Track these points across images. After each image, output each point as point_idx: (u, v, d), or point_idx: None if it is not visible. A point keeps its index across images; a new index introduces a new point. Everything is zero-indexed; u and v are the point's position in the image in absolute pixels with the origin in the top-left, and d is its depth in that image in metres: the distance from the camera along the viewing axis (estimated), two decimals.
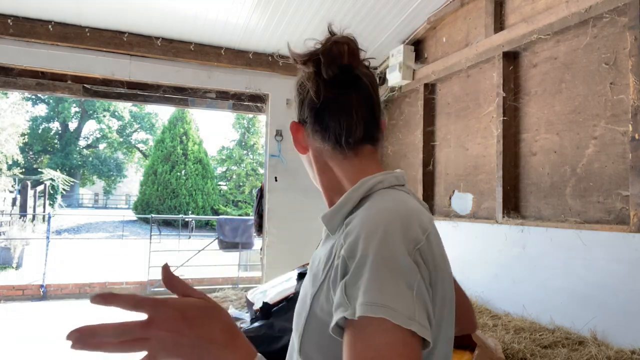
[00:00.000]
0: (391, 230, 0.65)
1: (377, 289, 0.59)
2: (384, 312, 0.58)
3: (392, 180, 0.79)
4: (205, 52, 5.04)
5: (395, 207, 0.70)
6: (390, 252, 0.62)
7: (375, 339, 0.58)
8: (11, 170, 20.31)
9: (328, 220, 0.79)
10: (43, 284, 6.99)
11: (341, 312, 0.61)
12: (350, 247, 0.65)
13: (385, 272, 0.61)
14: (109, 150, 33.07)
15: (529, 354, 2.64)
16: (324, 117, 0.82)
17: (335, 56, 0.79)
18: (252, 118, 25.61)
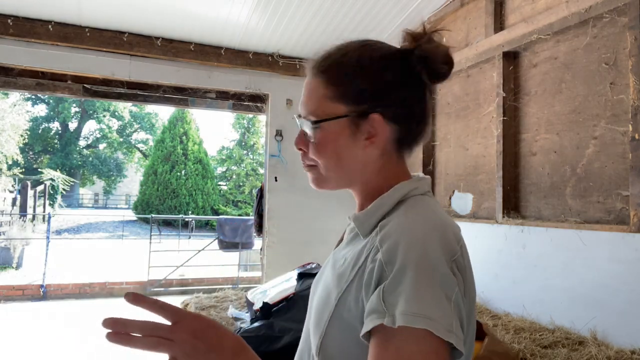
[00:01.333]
0: (431, 240, 0.65)
1: (420, 299, 0.60)
2: (426, 323, 0.58)
3: (425, 187, 0.80)
4: (205, 52, 5.04)
5: (432, 217, 0.71)
6: (432, 263, 0.63)
7: (411, 348, 0.59)
8: (11, 170, 20.31)
9: (361, 223, 0.76)
10: (43, 284, 6.99)
11: (376, 318, 0.61)
12: (389, 253, 0.65)
13: (427, 282, 0.61)
14: (109, 150, 33.08)
15: (529, 354, 2.64)
16: (413, 114, 0.78)
17: (447, 57, 0.78)
18: (252, 118, 25.62)
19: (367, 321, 0.62)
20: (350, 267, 0.72)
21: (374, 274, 0.65)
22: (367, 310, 0.63)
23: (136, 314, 0.60)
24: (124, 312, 0.73)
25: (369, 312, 0.63)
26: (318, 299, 0.77)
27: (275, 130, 5.44)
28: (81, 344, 4.63)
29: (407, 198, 0.76)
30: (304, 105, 0.79)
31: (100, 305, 6.58)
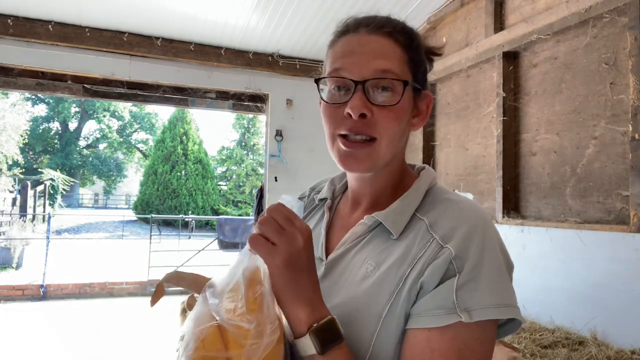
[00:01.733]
0: (491, 228, 0.65)
1: (504, 289, 0.61)
2: (513, 312, 0.60)
3: (435, 176, 0.78)
4: (205, 52, 5.04)
5: (476, 206, 0.69)
6: (501, 252, 0.64)
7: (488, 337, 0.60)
8: (11, 170, 20.31)
9: (394, 221, 0.69)
10: (43, 284, 6.99)
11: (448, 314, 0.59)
12: (463, 245, 0.62)
13: (501, 271, 0.62)
14: (109, 150, 33.08)
15: (529, 354, 2.64)
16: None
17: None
18: (252, 118, 25.62)
19: (431, 316, 0.60)
20: (392, 270, 0.65)
21: (437, 272, 0.61)
22: (426, 305, 0.60)
23: (136, 316, 0.58)
24: (124, 312, 0.72)
25: (432, 306, 0.60)
26: (339, 316, 0.65)
27: (275, 130, 5.44)
28: (81, 344, 4.64)
29: (432, 187, 0.74)
30: (375, 64, 0.67)
31: (100, 305, 6.58)
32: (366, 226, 0.72)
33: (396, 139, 0.70)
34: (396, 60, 0.68)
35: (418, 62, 0.72)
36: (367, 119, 0.67)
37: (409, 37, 0.72)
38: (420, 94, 0.74)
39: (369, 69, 0.67)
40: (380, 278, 0.66)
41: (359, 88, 0.67)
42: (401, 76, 0.68)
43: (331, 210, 0.84)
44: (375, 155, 0.69)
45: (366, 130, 0.68)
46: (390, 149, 0.70)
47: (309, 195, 0.93)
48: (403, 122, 0.70)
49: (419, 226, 0.68)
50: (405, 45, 0.70)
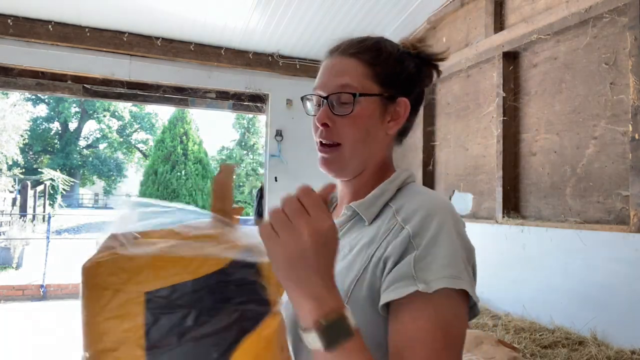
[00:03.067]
0: (452, 212, 0.72)
1: (455, 263, 0.65)
2: (464, 284, 0.64)
3: (414, 178, 0.86)
4: (205, 52, 5.04)
5: (441, 195, 0.79)
6: (458, 231, 0.70)
7: (449, 308, 0.64)
8: (11, 170, 20.31)
9: (366, 209, 0.79)
10: (43, 284, 6.99)
11: (405, 286, 0.63)
12: (418, 227, 0.68)
13: (457, 247, 0.67)
14: (109, 150, 33.07)
15: (529, 354, 2.64)
16: (418, 108, 0.89)
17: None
18: (252, 118, 25.62)
19: (393, 290, 0.64)
20: (362, 252, 0.73)
21: (397, 246, 0.68)
22: (389, 281, 0.65)
23: None
24: None
25: (393, 280, 0.65)
26: None
27: (275, 130, 5.44)
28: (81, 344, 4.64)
29: (406, 184, 0.82)
30: (337, 80, 0.80)
31: None
32: (346, 216, 0.81)
33: (359, 143, 0.80)
34: (357, 76, 0.80)
35: (389, 74, 0.82)
36: (330, 127, 0.80)
37: (375, 53, 0.82)
38: (394, 101, 0.83)
39: (332, 86, 0.80)
40: (352, 259, 0.74)
41: (324, 102, 0.80)
42: (359, 89, 0.79)
43: None
44: (341, 158, 0.80)
45: (330, 137, 0.80)
46: (355, 152, 0.80)
47: None
48: (362, 128, 0.80)
49: (388, 213, 0.76)
50: (369, 62, 0.81)
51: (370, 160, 0.83)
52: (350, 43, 0.84)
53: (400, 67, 0.84)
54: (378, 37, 0.86)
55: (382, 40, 0.85)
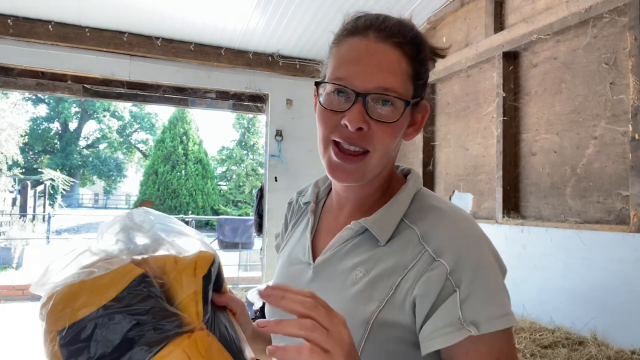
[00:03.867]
0: (484, 239, 0.67)
1: (499, 300, 0.62)
2: (510, 320, 0.61)
3: (421, 179, 0.78)
4: (205, 52, 5.04)
5: (464, 212, 0.71)
6: (494, 262, 0.66)
7: (500, 346, 0.61)
8: (11, 170, 20.31)
9: (381, 228, 0.69)
10: None
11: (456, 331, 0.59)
12: (457, 260, 0.62)
13: (496, 282, 0.64)
14: (109, 150, 33.07)
15: (529, 354, 2.64)
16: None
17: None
18: (252, 118, 25.62)
19: (443, 336, 0.60)
20: (382, 279, 0.65)
21: (433, 287, 0.61)
22: (434, 325, 0.61)
23: None
24: None
25: (440, 325, 0.60)
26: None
27: (275, 130, 5.44)
28: None
29: (417, 192, 0.75)
30: (379, 77, 0.65)
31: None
32: (353, 231, 0.72)
33: (389, 152, 0.70)
34: (400, 75, 0.67)
35: (421, 74, 0.71)
36: (363, 131, 0.66)
37: (417, 48, 0.70)
38: (418, 106, 0.72)
39: (372, 82, 0.65)
40: (370, 285, 0.66)
41: (359, 100, 0.65)
42: (403, 94, 0.67)
43: (315, 214, 0.84)
44: (365, 168, 0.68)
45: (361, 142, 0.67)
46: (383, 161, 0.70)
47: (296, 200, 0.93)
48: (398, 136, 0.70)
49: (408, 235, 0.68)
50: (412, 58, 0.69)
51: (387, 167, 0.74)
52: (390, 26, 0.68)
53: (428, 67, 0.73)
54: (412, 22, 0.73)
55: (419, 32, 0.72)
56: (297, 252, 0.82)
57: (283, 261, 0.86)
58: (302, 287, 0.74)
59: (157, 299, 0.59)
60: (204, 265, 0.67)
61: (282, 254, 0.89)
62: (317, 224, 0.83)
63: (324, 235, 0.79)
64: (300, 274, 0.78)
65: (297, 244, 0.84)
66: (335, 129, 0.68)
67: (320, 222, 0.83)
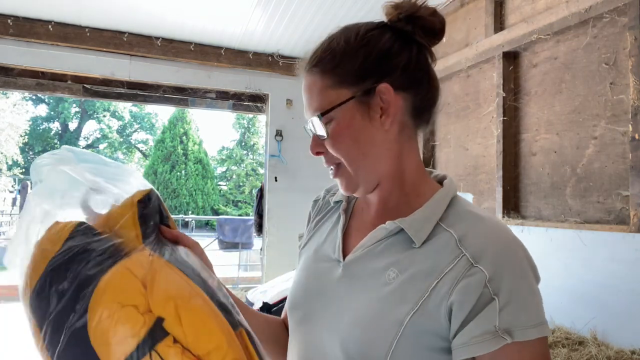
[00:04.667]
0: (520, 246, 0.69)
1: (535, 309, 0.63)
2: (545, 329, 0.62)
3: (456, 185, 0.79)
4: (205, 52, 5.04)
5: (499, 219, 0.73)
6: (530, 269, 0.68)
7: (540, 351, 0.62)
8: (11, 170, 20.31)
9: (417, 230, 0.69)
10: None
11: (495, 338, 0.60)
12: (495, 267, 0.63)
13: (533, 289, 0.65)
14: (109, 150, 33.07)
15: None
16: (417, 79, 0.77)
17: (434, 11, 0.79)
18: (252, 118, 25.62)
19: (480, 343, 0.60)
20: (416, 280, 0.66)
21: (470, 294, 0.62)
22: (471, 332, 0.61)
23: None
24: None
25: (477, 333, 0.61)
26: (357, 318, 0.68)
27: (275, 130, 5.44)
28: None
29: (453, 197, 0.75)
30: (309, 107, 0.73)
31: None
32: (387, 230, 0.72)
33: (354, 155, 0.72)
34: (319, 93, 0.72)
35: (353, 70, 0.71)
36: (324, 153, 0.75)
37: (329, 57, 0.72)
38: (373, 93, 0.71)
39: (308, 113, 0.74)
40: (404, 286, 0.66)
41: (310, 132, 0.76)
42: (325, 106, 0.71)
43: (347, 212, 0.84)
44: (348, 177, 0.74)
45: (329, 162, 0.75)
46: (357, 166, 0.73)
47: (323, 197, 0.94)
48: (347, 140, 0.71)
49: (445, 238, 0.68)
50: (327, 70, 0.72)
51: (380, 167, 0.73)
52: (305, 60, 0.76)
53: (364, 53, 0.72)
54: (334, 33, 0.76)
55: (335, 36, 0.75)
56: (325, 249, 0.82)
57: (308, 257, 0.85)
58: (331, 284, 0.75)
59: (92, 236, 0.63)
60: (138, 195, 0.70)
61: (306, 250, 0.88)
62: (348, 223, 0.83)
63: (354, 233, 0.79)
64: (329, 271, 0.77)
65: (325, 242, 0.83)
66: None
67: (350, 221, 0.83)
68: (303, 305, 0.79)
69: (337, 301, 0.72)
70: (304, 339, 0.77)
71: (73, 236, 0.62)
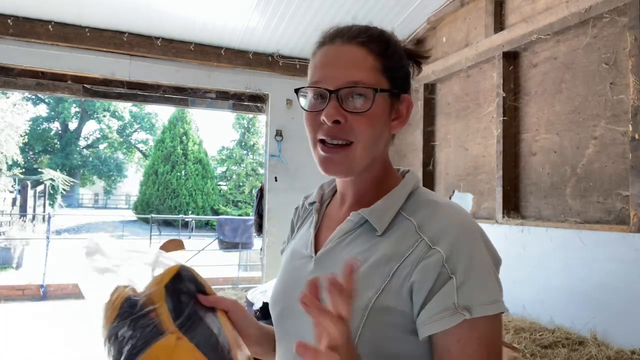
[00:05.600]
0: (478, 229, 0.71)
1: (491, 287, 0.66)
2: (500, 306, 0.66)
3: (420, 180, 0.84)
4: (205, 52, 5.04)
5: (460, 207, 0.75)
6: (488, 250, 0.70)
7: (491, 332, 0.65)
8: (11, 170, 20.31)
9: (378, 218, 0.73)
10: (43, 284, 6.99)
11: (451, 315, 0.63)
12: (452, 248, 0.66)
13: (490, 269, 0.68)
14: (109, 150, 33.07)
15: (529, 354, 2.64)
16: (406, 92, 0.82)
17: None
18: (252, 118, 25.62)
19: (438, 320, 0.63)
20: (379, 266, 0.69)
21: (429, 273, 0.65)
22: (431, 310, 0.64)
23: None
24: None
25: (436, 310, 0.64)
26: None
27: (275, 130, 5.44)
28: (81, 344, 4.63)
29: (415, 189, 0.79)
30: (347, 73, 0.72)
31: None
32: (352, 223, 0.76)
33: (372, 142, 0.74)
34: (368, 69, 0.73)
35: (395, 68, 0.76)
36: (341, 124, 0.72)
37: (384, 45, 0.76)
38: (399, 98, 0.77)
39: (342, 79, 0.72)
40: (367, 273, 0.69)
41: (332, 97, 0.72)
42: (373, 84, 0.72)
43: (319, 212, 0.88)
44: (351, 158, 0.74)
45: (342, 135, 0.73)
46: (367, 152, 0.74)
47: (302, 204, 0.98)
48: (377, 126, 0.74)
49: (405, 225, 0.72)
50: (379, 53, 0.74)
51: (376, 160, 0.78)
52: (355, 30, 0.76)
53: (402, 62, 0.78)
54: (372, 26, 0.79)
55: (386, 31, 0.79)
56: (299, 247, 0.86)
57: (286, 257, 0.90)
58: (304, 279, 0.77)
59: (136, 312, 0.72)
60: (167, 276, 0.76)
61: (286, 252, 0.93)
62: (320, 221, 0.87)
63: (326, 230, 0.84)
64: (302, 266, 0.82)
65: (300, 240, 0.88)
66: (319, 127, 0.74)
67: (323, 219, 0.87)
68: (281, 301, 0.83)
69: None
70: (285, 331, 0.81)
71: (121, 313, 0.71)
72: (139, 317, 0.71)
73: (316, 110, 0.74)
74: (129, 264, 0.82)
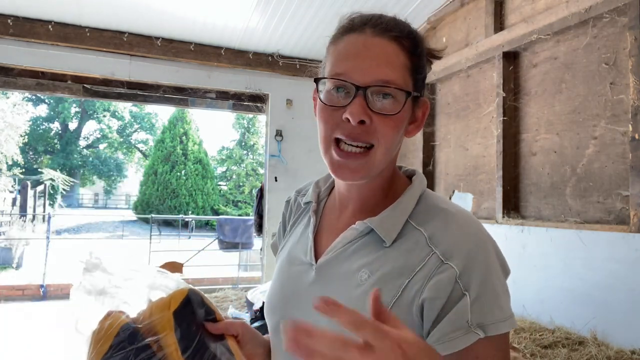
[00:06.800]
0: (490, 241, 0.67)
1: (504, 304, 0.63)
2: (513, 323, 0.63)
3: (425, 181, 0.78)
4: (205, 52, 5.04)
5: (470, 215, 0.71)
6: (502, 259, 0.67)
7: (502, 346, 0.63)
8: (11, 170, 20.31)
9: (387, 229, 0.68)
10: (43, 284, 6.99)
11: (467, 333, 0.60)
12: (466, 263, 0.62)
13: (502, 286, 0.65)
14: (109, 150, 33.07)
15: (529, 354, 2.64)
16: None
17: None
18: (252, 118, 25.62)
19: (453, 340, 0.60)
20: (388, 281, 0.65)
21: (442, 290, 0.62)
22: (445, 329, 0.61)
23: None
24: None
25: (450, 329, 0.61)
26: (331, 322, 0.63)
27: (275, 130, 5.44)
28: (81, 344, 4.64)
29: (422, 193, 0.74)
30: (378, 70, 0.65)
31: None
32: (357, 231, 0.71)
33: (393, 147, 0.69)
34: (399, 68, 0.66)
35: (420, 69, 0.71)
36: (365, 125, 0.65)
37: (414, 42, 0.69)
38: (418, 102, 0.72)
39: (371, 75, 0.65)
40: (376, 286, 0.65)
41: (359, 93, 0.64)
42: (403, 86, 0.66)
43: (317, 214, 0.82)
44: (370, 164, 0.67)
45: (364, 137, 0.66)
46: (386, 156, 0.69)
47: (294, 198, 0.92)
48: (401, 130, 0.69)
49: (415, 236, 0.67)
50: (410, 52, 0.68)
51: (387, 167, 0.72)
52: (386, 21, 0.68)
53: (424, 63, 0.72)
54: (401, 19, 0.72)
55: (415, 30, 0.72)
56: (297, 252, 0.80)
57: (282, 260, 0.84)
58: (304, 288, 0.74)
59: (136, 343, 0.66)
60: (175, 301, 0.70)
61: (281, 253, 0.87)
62: (319, 224, 0.81)
63: (326, 235, 0.78)
64: (302, 274, 0.76)
65: (298, 244, 0.82)
66: (338, 126, 0.67)
67: (321, 221, 0.81)
68: (279, 310, 0.78)
69: (311, 305, 0.71)
70: (283, 342, 0.76)
71: (117, 342, 0.65)
72: (140, 348, 0.64)
73: (336, 106, 0.66)
74: (129, 285, 0.75)
